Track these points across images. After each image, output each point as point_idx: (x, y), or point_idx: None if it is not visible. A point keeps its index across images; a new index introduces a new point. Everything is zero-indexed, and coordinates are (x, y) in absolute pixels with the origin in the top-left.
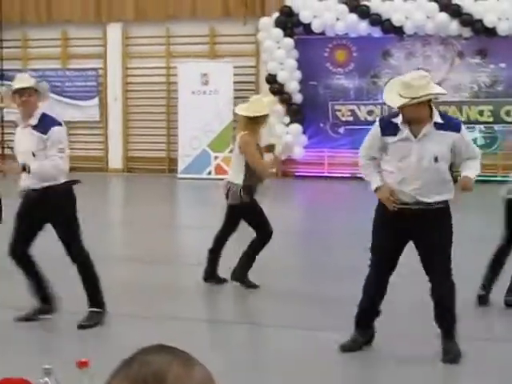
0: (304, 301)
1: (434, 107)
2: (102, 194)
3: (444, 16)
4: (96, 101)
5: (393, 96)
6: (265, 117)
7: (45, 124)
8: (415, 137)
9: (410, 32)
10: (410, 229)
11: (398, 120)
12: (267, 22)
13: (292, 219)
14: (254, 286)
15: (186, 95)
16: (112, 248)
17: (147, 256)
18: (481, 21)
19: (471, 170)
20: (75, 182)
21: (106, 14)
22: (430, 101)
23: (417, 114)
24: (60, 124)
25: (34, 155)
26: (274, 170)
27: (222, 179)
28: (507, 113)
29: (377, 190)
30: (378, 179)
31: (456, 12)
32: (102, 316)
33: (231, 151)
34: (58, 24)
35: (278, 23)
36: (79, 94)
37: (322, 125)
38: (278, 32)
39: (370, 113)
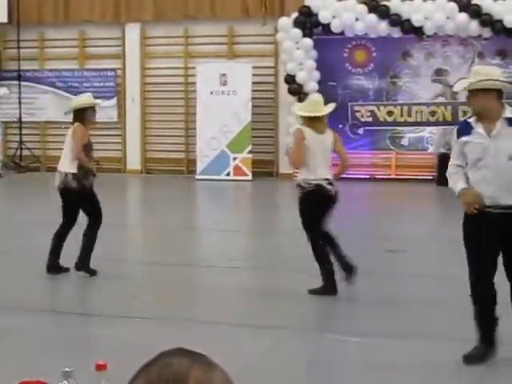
0: (322, 303)
1: (505, 103)
2: (120, 196)
3: (464, 16)
4: (114, 101)
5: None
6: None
7: None
8: (489, 135)
9: (429, 32)
10: (497, 233)
11: (472, 119)
12: (286, 22)
13: None
14: (95, 273)
15: (205, 96)
16: (131, 250)
17: (166, 258)
18: (501, 21)
19: None
20: None
21: (124, 14)
22: (500, 97)
23: (483, 102)
24: None
25: None
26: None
27: (241, 180)
28: None
29: (460, 194)
30: (462, 183)
31: (476, 12)
32: None
33: (250, 152)
34: (75, 24)
35: (297, 23)
36: (97, 95)
37: (341, 126)
38: (297, 32)
39: (389, 113)
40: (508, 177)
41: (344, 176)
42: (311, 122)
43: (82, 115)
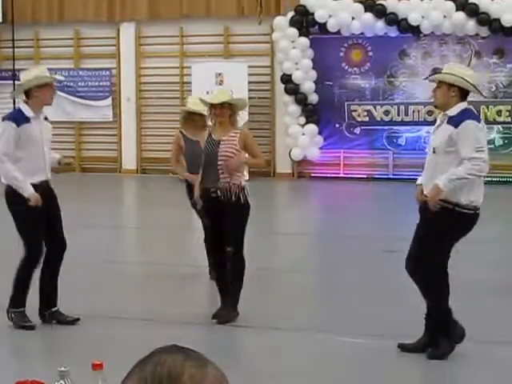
0: (320, 303)
1: (460, 102)
2: (116, 196)
3: (461, 15)
4: (109, 101)
5: None
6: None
7: None
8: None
9: (426, 31)
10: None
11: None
12: (282, 21)
13: (308, 220)
14: None
15: (201, 95)
16: (126, 251)
17: (163, 258)
18: (498, 20)
19: (443, 176)
20: None
21: (119, 13)
22: (463, 93)
23: (437, 94)
24: None
25: None
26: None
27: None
28: None
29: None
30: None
31: (473, 11)
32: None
33: None
34: (70, 23)
35: (293, 22)
36: (92, 94)
37: (337, 125)
38: (293, 31)
39: (386, 113)
40: (432, 170)
41: (342, 176)
42: None
43: None
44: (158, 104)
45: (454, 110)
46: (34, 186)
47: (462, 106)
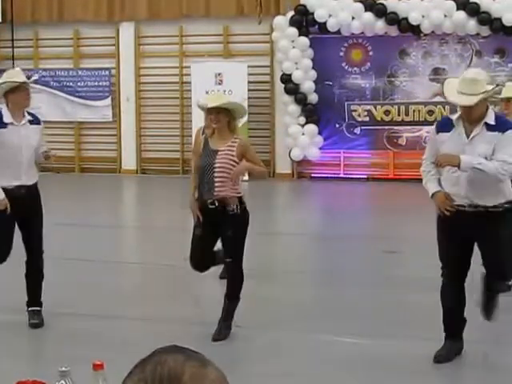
0: (319, 303)
1: (489, 107)
2: (116, 196)
3: (461, 14)
4: (109, 101)
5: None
6: None
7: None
8: (467, 136)
9: (427, 31)
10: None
11: (455, 116)
12: (282, 21)
13: (308, 221)
14: None
15: (200, 95)
16: (126, 251)
17: (163, 258)
18: (499, 19)
19: (475, 159)
20: None
21: (118, 13)
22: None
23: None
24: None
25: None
26: None
27: None
28: None
29: (433, 196)
30: (434, 185)
31: (474, 10)
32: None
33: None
34: (70, 23)
35: (293, 22)
36: (91, 94)
37: (337, 125)
38: (293, 31)
39: (386, 113)
40: (479, 180)
41: (342, 176)
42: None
43: None
44: (157, 104)
45: (491, 118)
46: (6, 190)
47: (492, 112)
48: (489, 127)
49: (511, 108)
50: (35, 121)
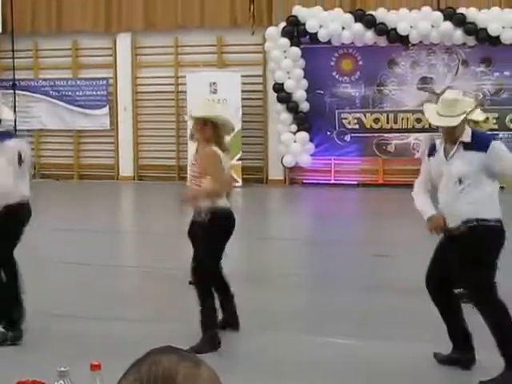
0: (312, 305)
1: (467, 126)
2: (114, 202)
3: (448, 25)
4: (106, 110)
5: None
6: None
7: None
8: (446, 157)
9: (415, 41)
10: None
11: (439, 140)
12: (274, 31)
13: (300, 226)
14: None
15: (195, 104)
16: (123, 255)
17: (158, 262)
18: (485, 29)
19: None
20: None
21: (115, 24)
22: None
23: (444, 128)
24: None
25: None
26: None
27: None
28: None
29: (429, 220)
30: (429, 208)
31: (460, 21)
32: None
33: (240, 159)
34: (68, 34)
35: (285, 33)
36: (90, 103)
37: (328, 133)
38: (285, 41)
39: (375, 121)
40: (456, 201)
41: (333, 182)
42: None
43: None
44: (153, 112)
45: (466, 136)
46: None
47: (468, 129)
48: (465, 146)
49: None
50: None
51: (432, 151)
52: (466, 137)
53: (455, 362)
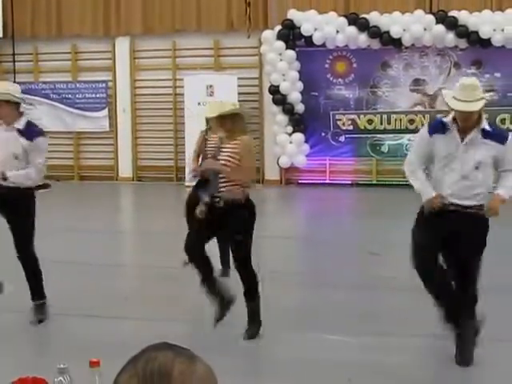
0: (308, 302)
1: (482, 114)
2: (113, 202)
3: (440, 28)
4: (106, 112)
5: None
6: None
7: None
8: (462, 140)
9: (407, 44)
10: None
11: (448, 119)
12: (270, 34)
13: (296, 225)
14: None
15: (193, 106)
16: (123, 254)
17: (157, 261)
18: (476, 32)
19: (503, 189)
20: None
21: (114, 28)
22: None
23: (464, 114)
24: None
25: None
26: None
27: None
28: (502, 121)
29: (426, 200)
30: (430, 189)
31: (452, 24)
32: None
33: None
34: (68, 38)
35: (280, 36)
36: (89, 106)
37: (323, 134)
38: (280, 44)
39: (369, 122)
40: (471, 183)
41: (327, 182)
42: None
43: None
44: (152, 114)
45: (485, 123)
46: None
47: (485, 116)
48: (485, 134)
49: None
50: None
51: (438, 129)
52: (486, 124)
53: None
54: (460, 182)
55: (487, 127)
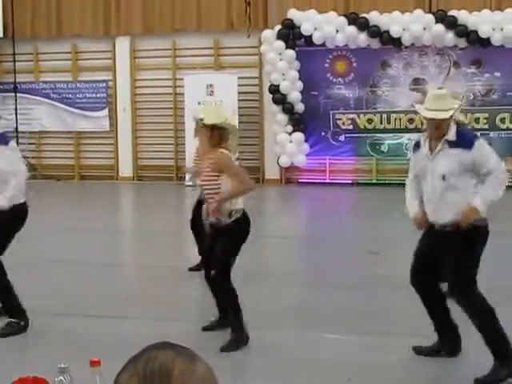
0: (308, 302)
1: (452, 123)
2: (113, 202)
3: (440, 27)
4: (106, 111)
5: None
6: None
7: None
8: (431, 154)
9: (407, 43)
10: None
11: (423, 136)
12: (269, 34)
13: (296, 224)
14: None
15: (193, 105)
16: (123, 254)
17: (158, 261)
18: (475, 32)
19: (478, 200)
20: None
21: (114, 28)
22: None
23: (438, 128)
24: None
25: None
26: None
27: None
28: (502, 120)
29: (413, 219)
30: (414, 206)
31: (452, 23)
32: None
33: (237, 159)
34: (68, 38)
35: (280, 35)
36: (89, 105)
37: (323, 133)
38: (281, 44)
39: (369, 121)
40: (440, 197)
41: (327, 181)
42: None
43: None
44: (152, 114)
45: (452, 134)
46: None
47: (454, 127)
48: (450, 144)
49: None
50: None
51: (415, 147)
52: (451, 135)
53: (437, 352)
54: (433, 196)
55: (451, 137)
